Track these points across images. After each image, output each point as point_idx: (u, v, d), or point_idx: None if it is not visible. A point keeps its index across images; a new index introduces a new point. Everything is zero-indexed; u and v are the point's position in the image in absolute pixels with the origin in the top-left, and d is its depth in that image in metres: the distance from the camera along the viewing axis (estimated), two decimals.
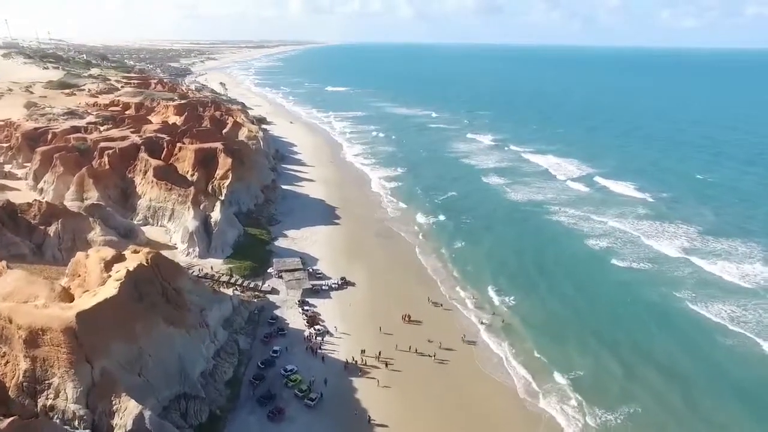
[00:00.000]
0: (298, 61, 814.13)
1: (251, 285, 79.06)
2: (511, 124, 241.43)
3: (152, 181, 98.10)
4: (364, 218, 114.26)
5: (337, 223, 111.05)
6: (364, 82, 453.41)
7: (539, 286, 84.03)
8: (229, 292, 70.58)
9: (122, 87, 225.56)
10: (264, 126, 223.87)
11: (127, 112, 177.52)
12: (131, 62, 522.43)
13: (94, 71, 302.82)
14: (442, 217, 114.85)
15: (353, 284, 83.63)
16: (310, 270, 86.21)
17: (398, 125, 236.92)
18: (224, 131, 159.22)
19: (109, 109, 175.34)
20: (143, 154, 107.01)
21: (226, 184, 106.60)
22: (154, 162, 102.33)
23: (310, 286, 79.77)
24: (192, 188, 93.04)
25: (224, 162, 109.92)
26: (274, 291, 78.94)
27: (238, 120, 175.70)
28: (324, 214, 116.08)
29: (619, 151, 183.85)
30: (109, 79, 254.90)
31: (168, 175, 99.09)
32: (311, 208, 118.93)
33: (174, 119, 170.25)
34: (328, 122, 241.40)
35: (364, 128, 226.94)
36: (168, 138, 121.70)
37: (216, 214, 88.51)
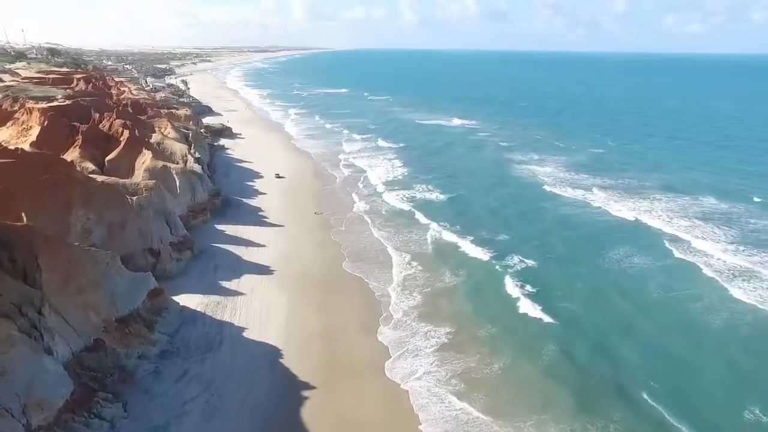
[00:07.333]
0: (298, 65, 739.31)
1: None
2: (571, 140, 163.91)
3: None
4: None
5: None
6: (367, 84, 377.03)
7: None
8: None
9: (18, 83, 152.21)
10: (223, 141, 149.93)
11: None
12: (108, 62, 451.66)
13: (18, 65, 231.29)
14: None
15: None
16: None
17: (420, 143, 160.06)
18: (108, 158, 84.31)
19: None
20: None
21: None
22: None
23: None
24: None
25: None
26: None
27: (156, 135, 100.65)
28: None
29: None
30: (17, 74, 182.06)
31: None
32: (231, 411, 42.96)
33: (38, 131, 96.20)
34: (320, 137, 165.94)
35: (368, 146, 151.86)
36: None
37: None
